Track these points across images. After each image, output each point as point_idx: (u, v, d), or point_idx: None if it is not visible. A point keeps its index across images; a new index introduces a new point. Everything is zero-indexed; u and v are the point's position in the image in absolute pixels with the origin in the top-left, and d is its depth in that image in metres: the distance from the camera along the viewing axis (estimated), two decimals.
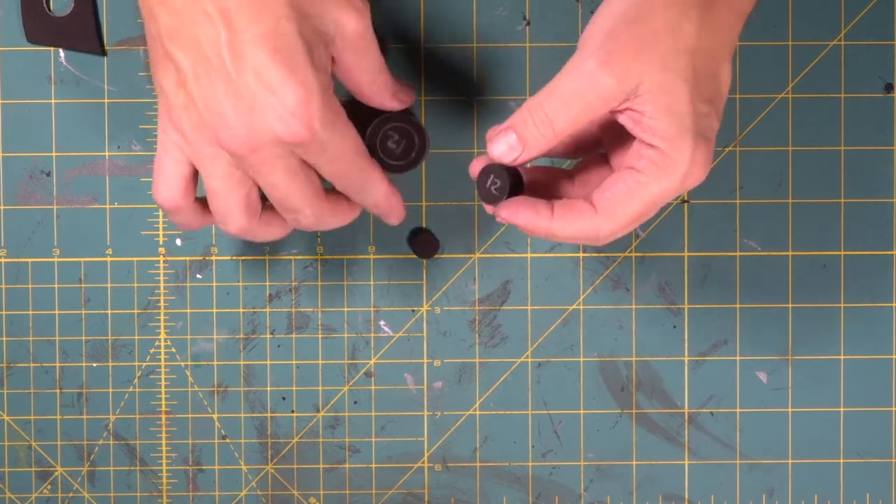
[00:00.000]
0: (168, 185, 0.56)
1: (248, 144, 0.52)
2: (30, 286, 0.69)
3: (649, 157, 0.53)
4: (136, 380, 0.70)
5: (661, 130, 0.52)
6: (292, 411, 0.70)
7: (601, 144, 0.60)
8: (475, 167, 0.58)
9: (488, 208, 0.58)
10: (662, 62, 0.52)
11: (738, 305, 0.70)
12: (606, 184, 0.54)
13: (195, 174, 0.57)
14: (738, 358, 0.70)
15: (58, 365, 0.70)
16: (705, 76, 0.53)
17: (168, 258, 0.69)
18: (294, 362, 0.70)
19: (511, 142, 0.55)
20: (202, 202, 0.58)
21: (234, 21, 0.51)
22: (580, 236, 0.55)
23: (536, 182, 0.60)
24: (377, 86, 0.58)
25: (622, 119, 0.54)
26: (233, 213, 0.56)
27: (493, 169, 0.56)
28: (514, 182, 0.57)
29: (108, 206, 0.69)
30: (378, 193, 0.57)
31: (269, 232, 0.58)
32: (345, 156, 0.54)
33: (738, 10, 0.54)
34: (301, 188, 0.55)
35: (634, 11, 0.53)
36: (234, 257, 0.69)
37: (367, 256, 0.69)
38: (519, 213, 0.55)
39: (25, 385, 0.70)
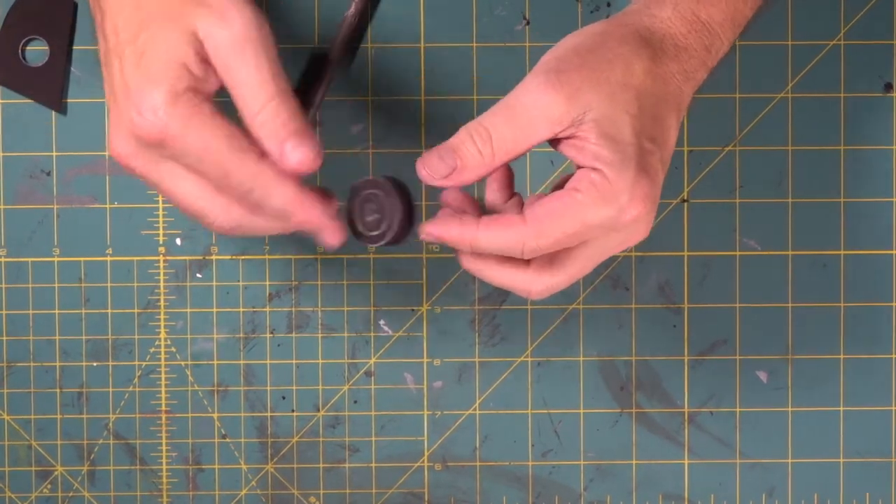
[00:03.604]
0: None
1: (123, 151, 0.53)
2: (30, 286, 0.69)
3: (591, 180, 0.52)
4: (136, 379, 0.70)
5: (604, 157, 0.51)
6: (292, 411, 0.70)
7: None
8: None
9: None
10: (611, 92, 0.52)
11: (737, 305, 0.70)
12: (542, 200, 0.53)
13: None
14: (737, 357, 0.70)
15: (58, 364, 0.70)
16: (650, 116, 0.53)
17: (168, 258, 0.69)
18: (294, 362, 0.70)
19: (446, 157, 0.53)
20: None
21: (117, 32, 0.53)
22: (505, 248, 0.53)
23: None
24: (253, 114, 0.52)
25: (564, 148, 0.53)
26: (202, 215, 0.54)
27: (374, 195, 0.54)
28: (406, 215, 0.54)
29: (108, 206, 0.69)
30: (276, 199, 0.51)
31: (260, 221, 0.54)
32: (209, 152, 0.51)
33: (683, 68, 0.55)
34: (195, 193, 0.53)
35: (589, 42, 0.54)
36: (234, 257, 0.69)
37: (367, 256, 0.69)
38: (446, 228, 0.53)
39: (26, 384, 0.70)
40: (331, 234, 0.53)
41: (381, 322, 0.70)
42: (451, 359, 0.70)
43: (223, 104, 0.53)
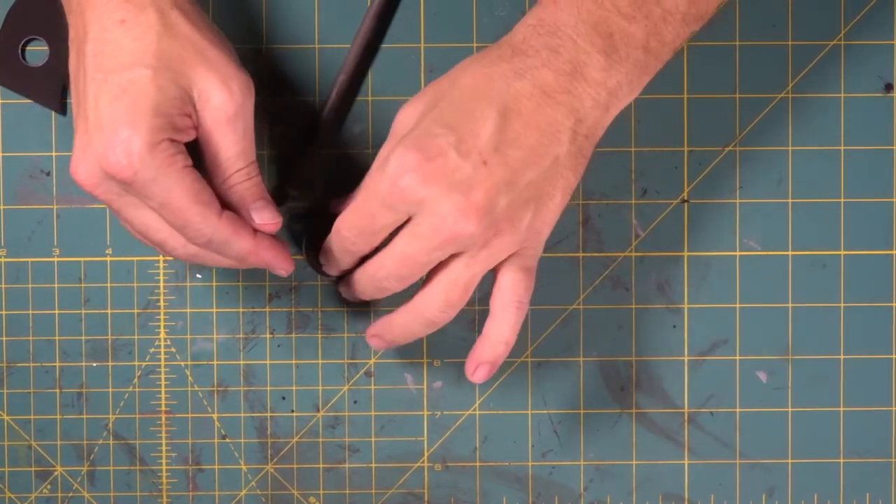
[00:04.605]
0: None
1: (87, 179, 0.55)
2: (30, 286, 0.69)
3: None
4: (135, 379, 0.70)
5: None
6: (292, 411, 0.70)
7: None
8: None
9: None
10: (420, 98, 0.58)
11: (737, 305, 0.70)
12: None
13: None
14: (737, 357, 0.70)
15: (58, 365, 0.70)
16: (452, 106, 0.55)
17: (168, 258, 0.69)
18: (294, 362, 0.70)
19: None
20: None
21: (100, 58, 0.54)
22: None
23: None
24: (224, 178, 0.57)
25: None
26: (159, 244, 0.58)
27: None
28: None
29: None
30: (231, 250, 0.57)
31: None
32: (174, 203, 0.54)
33: (515, 66, 0.56)
34: (155, 225, 0.56)
35: None
36: None
37: None
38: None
39: (25, 385, 0.70)
40: (282, 269, 0.59)
41: None
42: (450, 359, 0.70)
43: None
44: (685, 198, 0.70)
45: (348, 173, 0.69)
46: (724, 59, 0.69)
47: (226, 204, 0.57)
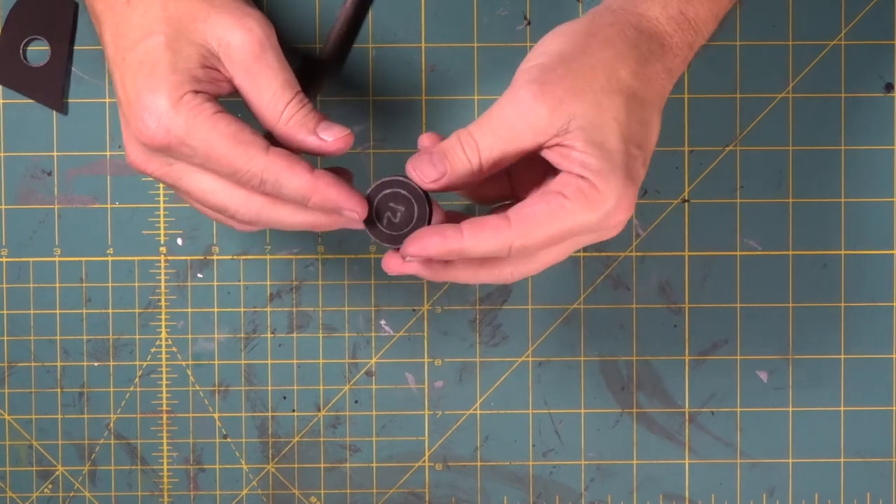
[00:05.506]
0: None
1: (137, 159, 0.55)
2: (31, 286, 0.69)
3: (578, 186, 0.52)
4: (137, 379, 0.70)
5: (592, 165, 0.52)
6: (293, 411, 0.70)
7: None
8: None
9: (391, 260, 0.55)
10: (596, 100, 0.52)
11: (738, 305, 0.70)
12: (527, 202, 0.53)
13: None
14: (738, 357, 0.70)
15: (59, 364, 0.70)
16: (637, 121, 0.53)
17: (169, 257, 0.69)
18: (295, 361, 0.70)
19: (436, 162, 0.54)
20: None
21: (117, 41, 0.54)
22: (493, 252, 0.53)
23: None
24: (279, 114, 0.54)
25: (549, 155, 0.53)
26: (225, 208, 0.55)
27: (393, 194, 0.55)
28: (422, 212, 0.55)
29: (109, 206, 0.69)
30: (289, 187, 0.53)
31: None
32: (215, 150, 0.52)
33: (668, 66, 0.55)
34: (211, 187, 0.54)
35: (571, 50, 0.54)
36: (235, 256, 0.69)
37: (367, 256, 0.69)
38: (429, 244, 0.53)
39: (27, 384, 0.70)
40: (352, 209, 0.54)
41: (382, 322, 0.70)
42: (451, 359, 0.70)
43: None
44: (686, 197, 0.70)
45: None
46: (724, 59, 0.69)
47: (291, 145, 0.55)
